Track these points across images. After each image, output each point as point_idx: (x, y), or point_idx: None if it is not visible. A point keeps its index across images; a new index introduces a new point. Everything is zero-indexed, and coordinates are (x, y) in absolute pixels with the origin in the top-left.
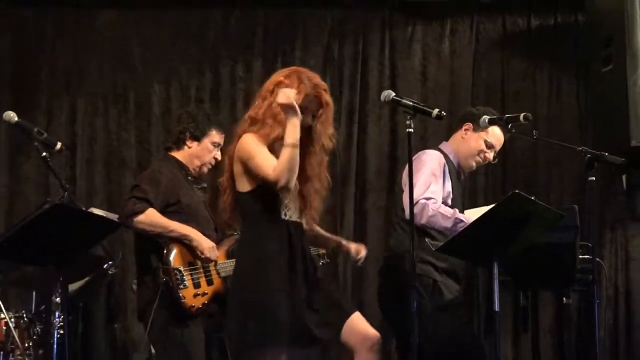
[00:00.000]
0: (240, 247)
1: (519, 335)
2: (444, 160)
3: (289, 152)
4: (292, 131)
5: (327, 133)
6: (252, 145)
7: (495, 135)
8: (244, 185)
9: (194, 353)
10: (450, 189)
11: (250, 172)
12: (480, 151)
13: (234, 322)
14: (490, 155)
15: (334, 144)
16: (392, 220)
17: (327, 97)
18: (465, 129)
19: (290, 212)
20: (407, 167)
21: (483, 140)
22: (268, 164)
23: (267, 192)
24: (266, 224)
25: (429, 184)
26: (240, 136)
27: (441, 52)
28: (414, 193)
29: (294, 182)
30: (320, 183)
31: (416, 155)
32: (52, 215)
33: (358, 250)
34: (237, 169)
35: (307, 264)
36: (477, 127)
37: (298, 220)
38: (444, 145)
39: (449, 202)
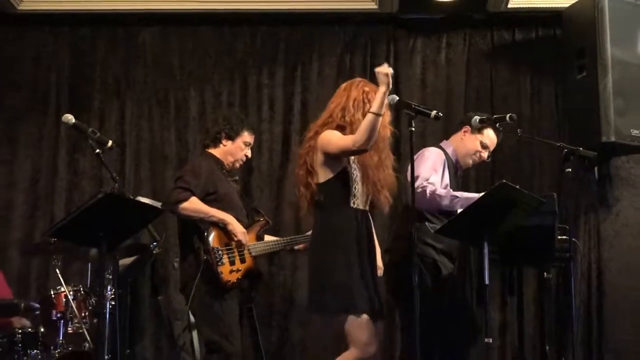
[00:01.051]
0: (318, 231)
1: (506, 305)
2: (443, 157)
3: (372, 118)
4: (379, 100)
5: (385, 125)
6: (332, 133)
7: (490, 137)
8: (322, 176)
9: (228, 322)
10: (447, 182)
11: (329, 159)
12: (476, 151)
13: (319, 295)
14: (484, 154)
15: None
16: (397, 208)
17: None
18: (464, 131)
19: (357, 202)
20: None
21: (479, 142)
22: (348, 139)
23: (341, 181)
24: (339, 210)
25: (430, 174)
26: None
27: (438, 62)
28: (415, 183)
29: (370, 144)
30: (388, 169)
31: (420, 152)
32: (105, 203)
33: None
34: (318, 159)
35: (371, 248)
36: (474, 130)
37: (364, 208)
38: (444, 144)
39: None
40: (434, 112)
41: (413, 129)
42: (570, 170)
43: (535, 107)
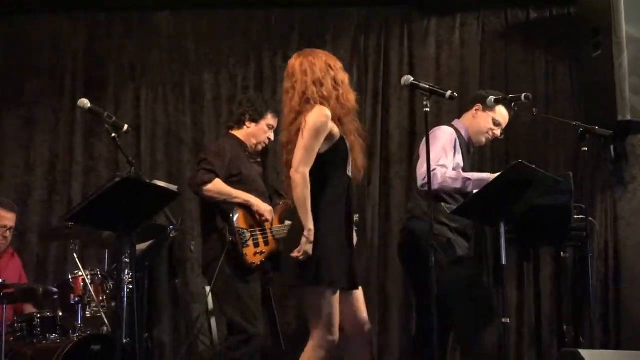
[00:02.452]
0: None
1: (523, 284)
2: (455, 135)
3: (303, 214)
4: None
5: (349, 90)
6: (319, 116)
7: (502, 114)
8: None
9: (251, 304)
10: (460, 161)
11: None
12: (489, 129)
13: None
14: (497, 131)
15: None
16: (411, 187)
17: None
18: (476, 109)
19: (349, 169)
20: (423, 141)
21: (491, 119)
22: (301, 153)
23: (339, 150)
24: (337, 179)
25: (440, 157)
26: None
27: (452, 42)
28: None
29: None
30: (361, 139)
31: (431, 131)
32: (121, 187)
33: None
34: None
35: (351, 218)
36: (486, 108)
37: (350, 175)
38: (456, 122)
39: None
40: (448, 92)
41: (428, 109)
42: (586, 149)
43: (550, 86)
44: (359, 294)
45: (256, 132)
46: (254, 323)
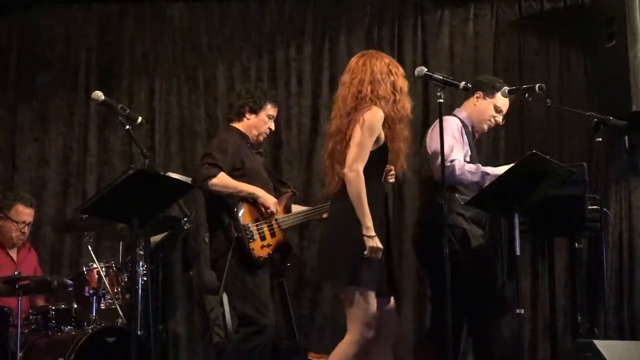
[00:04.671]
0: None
1: (538, 275)
2: (460, 124)
3: (363, 215)
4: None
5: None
6: (374, 118)
7: (503, 100)
8: None
9: (261, 296)
10: (468, 148)
11: None
12: (491, 116)
13: (346, 262)
14: (499, 118)
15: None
16: (422, 177)
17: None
18: (477, 97)
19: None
20: (429, 132)
21: (492, 106)
22: (356, 150)
23: (379, 155)
24: (374, 182)
25: (452, 147)
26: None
27: (466, 33)
28: (443, 157)
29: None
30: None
31: (436, 123)
32: (136, 179)
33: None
34: None
35: (390, 224)
36: (487, 94)
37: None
38: (458, 111)
39: (468, 159)
40: (462, 83)
41: (442, 100)
42: (600, 139)
43: (565, 77)
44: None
45: (257, 124)
46: (265, 314)
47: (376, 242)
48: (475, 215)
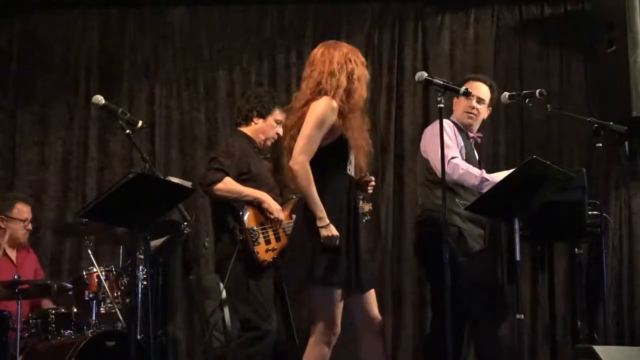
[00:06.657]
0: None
1: (537, 281)
2: (452, 125)
3: (316, 210)
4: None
5: (364, 86)
6: (321, 107)
7: (481, 90)
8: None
9: (263, 301)
10: (462, 145)
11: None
12: (470, 107)
13: (304, 258)
14: (482, 108)
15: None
16: (419, 181)
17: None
18: (456, 98)
19: (351, 168)
20: (423, 135)
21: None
22: (304, 140)
23: (337, 147)
24: (335, 175)
25: (450, 150)
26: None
27: (466, 37)
28: (439, 156)
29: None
30: (367, 140)
31: (429, 127)
32: (136, 183)
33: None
34: None
35: (357, 218)
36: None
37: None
38: (452, 116)
39: (463, 156)
40: (463, 89)
41: (442, 105)
42: (600, 145)
43: (565, 82)
44: (370, 290)
45: (264, 128)
46: (267, 319)
47: (331, 231)
48: (472, 214)
